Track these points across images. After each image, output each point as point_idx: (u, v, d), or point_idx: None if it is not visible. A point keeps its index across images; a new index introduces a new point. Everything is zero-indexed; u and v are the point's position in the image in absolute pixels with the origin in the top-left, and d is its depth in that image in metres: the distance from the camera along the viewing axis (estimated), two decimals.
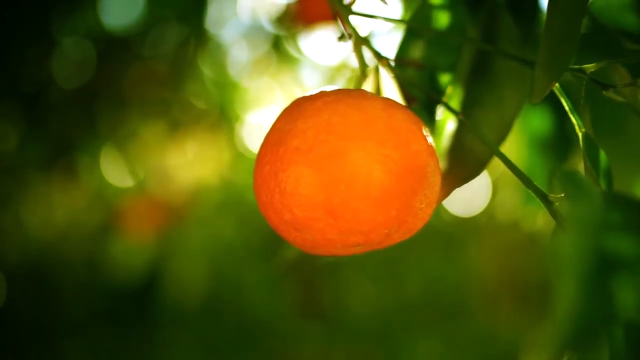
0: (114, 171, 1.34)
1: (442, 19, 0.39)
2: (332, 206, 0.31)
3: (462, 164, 0.38)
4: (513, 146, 0.63)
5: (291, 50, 1.16)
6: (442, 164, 0.39)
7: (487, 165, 0.37)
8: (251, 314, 1.55)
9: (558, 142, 0.57)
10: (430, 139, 0.34)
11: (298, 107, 0.34)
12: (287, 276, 1.52)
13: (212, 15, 1.19)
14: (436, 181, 0.34)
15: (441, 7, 0.39)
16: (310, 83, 1.22)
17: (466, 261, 1.77)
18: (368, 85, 0.38)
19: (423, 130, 0.34)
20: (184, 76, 1.27)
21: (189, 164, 1.40)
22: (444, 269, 1.72)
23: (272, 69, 1.25)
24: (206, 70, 1.25)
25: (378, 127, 0.32)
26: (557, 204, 0.30)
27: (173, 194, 1.37)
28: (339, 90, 0.34)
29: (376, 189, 0.31)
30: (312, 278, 1.58)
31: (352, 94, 0.33)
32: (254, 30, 1.19)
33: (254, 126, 1.29)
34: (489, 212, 1.61)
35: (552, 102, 0.56)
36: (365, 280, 1.67)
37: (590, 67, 0.34)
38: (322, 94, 0.34)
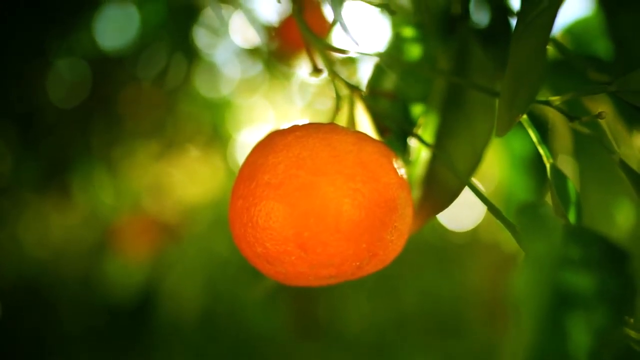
0: (108, 190, 1.34)
1: (414, 51, 0.39)
2: (303, 240, 0.31)
3: (435, 194, 0.39)
4: (496, 167, 0.63)
5: (282, 68, 1.17)
6: (417, 194, 0.40)
7: (459, 195, 0.38)
8: (247, 330, 1.55)
9: (540, 163, 0.57)
10: (401, 171, 0.35)
11: (270, 142, 0.34)
12: (283, 292, 1.52)
13: (204, 35, 1.21)
14: (407, 213, 0.35)
15: (413, 39, 0.40)
16: (301, 100, 1.23)
17: (462, 276, 1.77)
18: (343, 117, 0.39)
19: (394, 162, 0.35)
20: (178, 95, 1.28)
21: (182, 182, 1.40)
22: (440, 284, 1.72)
23: (264, 87, 1.26)
24: (199, 89, 1.26)
25: (347, 162, 0.32)
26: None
27: (167, 212, 1.37)
28: (310, 124, 0.35)
29: (346, 222, 0.32)
30: (308, 293, 1.58)
31: (322, 129, 0.34)
32: (245, 50, 1.20)
33: (247, 144, 1.30)
34: (484, 226, 1.61)
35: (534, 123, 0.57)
36: (362, 295, 1.67)
37: (555, 99, 0.34)
38: (294, 129, 0.35)
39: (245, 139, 1.30)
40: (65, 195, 1.34)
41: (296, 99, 1.23)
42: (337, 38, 0.46)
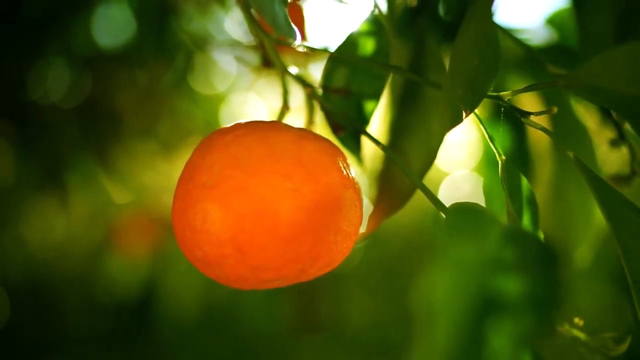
0: (108, 189, 1.35)
1: (369, 46, 0.38)
2: (240, 243, 0.31)
3: (391, 192, 0.38)
4: (476, 166, 0.62)
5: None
6: (372, 193, 0.39)
7: (413, 194, 0.37)
8: (249, 327, 1.55)
9: (517, 160, 0.55)
10: (348, 170, 0.34)
11: (210, 141, 0.33)
12: (285, 289, 1.51)
13: (200, 32, 1.20)
14: (354, 213, 0.33)
15: (369, 33, 0.38)
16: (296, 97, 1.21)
17: None
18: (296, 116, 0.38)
19: (339, 161, 0.33)
20: (175, 92, 1.28)
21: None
22: None
23: (260, 83, 1.25)
24: (196, 86, 1.26)
25: (286, 161, 0.31)
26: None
27: (166, 209, 1.37)
28: (251, 122, 0.34)
29: (284, 225, 0.31)
30: (310, 290, 1.57)
31: (262, 127, 0.33)
32: (241, 46, 1.20)
33: None
34: None
35: (510, 120, 0.55)
36: (364, 292, 1.66)
37: (506, 94, 0.33)
38: (235, 127, 0.34)
39: None
40: (65, 195, 1.35)
41: (293, 95, 1.22)
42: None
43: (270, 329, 1.55)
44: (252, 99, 1.29)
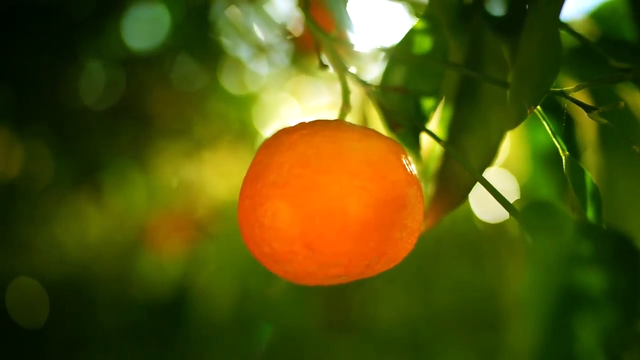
0: (141, 189, 1.37)
1: (426, 44, 0.39)
2: (309, 240, 0.31)
3: (449, 189, 0.38)
4: (520, 161, 0.62)
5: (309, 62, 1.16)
6: (430, 190, 0.39)
7: (471, 191, 0.37)
8: (281, 326, 1.55)
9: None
10: (410, 168, 0.34)
11: (276, 140, 0.34)
12: (315, 288, 1.52)
13: (230, 32, 1.21)
14: (417, 210, 0.34)
15: (425, 31, 0.39)
16: (329, 95, 1.22)
17: (498, 269, 1.73)
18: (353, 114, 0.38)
19: (402, 159, 0.34)
20: (206, 93, 1.29)
21: (212, 179, 1.42)
22: (475, 278, 1.69)
23: (291, 83, 1.26)
24: (226, 87, 1.27)
25: (353, 159, 0.32)
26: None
27: (198, 209, 1.39)
28: (316, 121, 0.35)
29: (352, 221, 0.31)
30: (340, 288, 1.58)
31: (328, 126, 0.34)
32: (272, 46, 1.20)
33: None
34: None
35: (558, 114, 0.55)
36: (395, 290, 1.66)
37: (570, 89, 0.33)
38: (300, 126, 0.34)
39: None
40: (100, 195, 1.37)
41: (324, 94, 1.23)
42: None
43: (302, 327, 1.56)
44: (284, 97, 1.30)
